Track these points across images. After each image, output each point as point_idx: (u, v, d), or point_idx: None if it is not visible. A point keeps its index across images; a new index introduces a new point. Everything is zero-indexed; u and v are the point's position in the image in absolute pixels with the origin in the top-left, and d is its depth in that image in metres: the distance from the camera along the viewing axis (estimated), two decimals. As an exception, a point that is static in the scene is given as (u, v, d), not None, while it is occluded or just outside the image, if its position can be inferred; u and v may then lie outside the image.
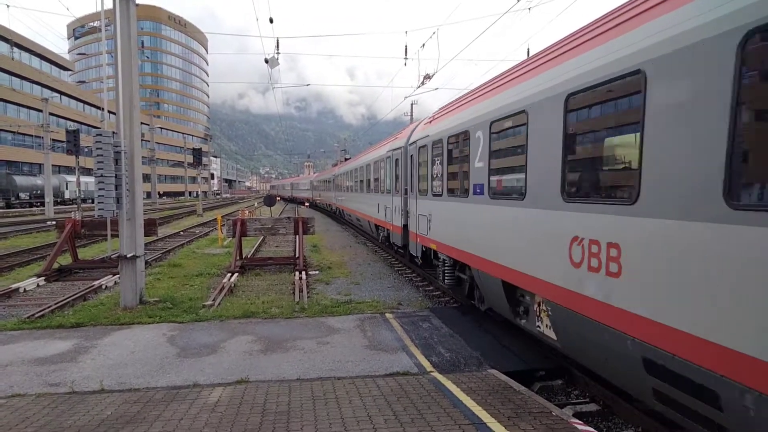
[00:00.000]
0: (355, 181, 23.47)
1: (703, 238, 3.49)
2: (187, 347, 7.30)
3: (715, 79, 3.45)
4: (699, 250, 3.52)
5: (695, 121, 3.61)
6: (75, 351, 7.16)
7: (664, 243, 3.84)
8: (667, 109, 3.88)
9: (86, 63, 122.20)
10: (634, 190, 4.16)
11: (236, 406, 5.24)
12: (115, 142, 9.29)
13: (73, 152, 27.74)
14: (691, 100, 3.65)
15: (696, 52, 3.62)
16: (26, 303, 10.65)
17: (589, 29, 5.35)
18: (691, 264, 3.58)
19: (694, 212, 3.56)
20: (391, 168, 14.74)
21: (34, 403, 5.39)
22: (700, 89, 3.59)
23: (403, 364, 6.52)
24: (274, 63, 20.16)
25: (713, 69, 3.47)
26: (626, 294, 4.24)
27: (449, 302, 10.60)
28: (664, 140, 3.88)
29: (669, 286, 3.78)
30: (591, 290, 4.71)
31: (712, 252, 3.41)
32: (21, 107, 66.80)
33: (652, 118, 4.03)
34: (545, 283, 5.59)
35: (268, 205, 21.93)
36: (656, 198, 3.94)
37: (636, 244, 4.16)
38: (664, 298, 3.82)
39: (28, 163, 68.66)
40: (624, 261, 4.28)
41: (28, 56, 72.48)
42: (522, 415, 4.92)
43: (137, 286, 9.83)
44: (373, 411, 5.05)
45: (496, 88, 7.35)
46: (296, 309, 9.57)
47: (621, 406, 5.46)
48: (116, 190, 9.28)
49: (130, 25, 9.62)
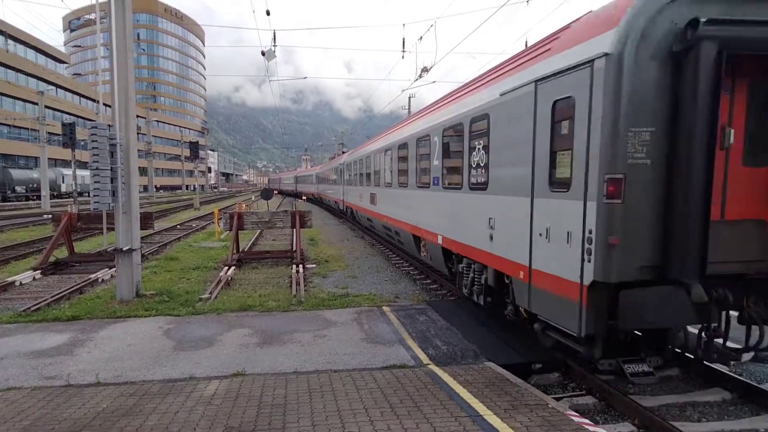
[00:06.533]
0: None
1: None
2: (184, 340, 7.29)
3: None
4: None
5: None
6: (71, 344, 7.14)
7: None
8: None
9: (82, 56, 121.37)
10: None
11: (232, 398, 5.23)
12: (111, 134, 9.22)
13: (70, 145, 27.66)
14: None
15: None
16: (22, 296, 10.62)
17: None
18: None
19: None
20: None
21: (29, 396, 5.38)
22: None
23: (400, 356, 6.53)
24: (270, 56, 20.08)
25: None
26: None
27: (446, 295, 10.61)
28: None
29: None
30: None
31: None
32: (17, 100, 66.37)
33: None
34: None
35: (265, 198, 21.88)
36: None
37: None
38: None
39: (24, 157, 68.33)
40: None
41: (24, 49, 71.92)
42: (518, 407, 4.93)
43: (133, 280, 9.80)
44: (369, 403, 5.05)
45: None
46: (293, 302, 9.57)
47: (617, 399, 5.47)
48: (112, 183, 9.21)
49: (125, 18, 9.53)
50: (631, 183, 4.87)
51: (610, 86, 4.79)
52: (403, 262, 14.78)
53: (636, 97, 4.78)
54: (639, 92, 4.78)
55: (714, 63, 4.55)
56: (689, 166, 4.72)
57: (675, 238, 4.86)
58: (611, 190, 4.86)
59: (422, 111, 12.36)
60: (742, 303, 5.28)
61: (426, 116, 11.08)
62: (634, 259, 4.94)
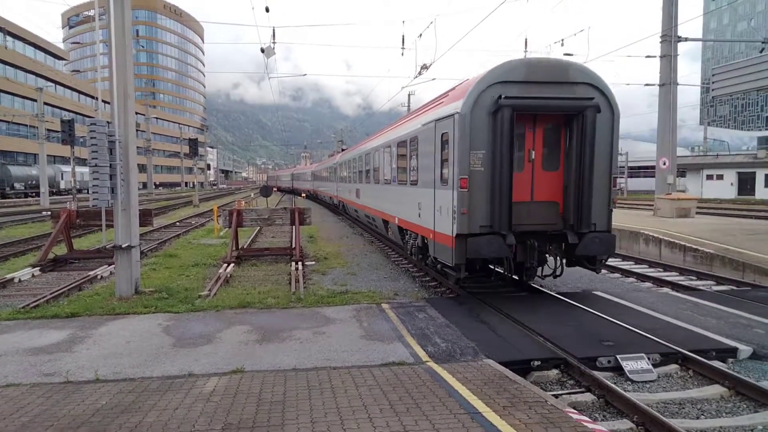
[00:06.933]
0: None
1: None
2: (183, 337, 7.28)
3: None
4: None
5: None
6: (70, 341, 7.13)
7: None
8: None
9: (81, 52, 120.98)
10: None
11: (231, 395, 5.23)
12: (110, 131, 9.20)
13: (68, 142, 27.62)
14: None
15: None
16: (21, 293, 10.63)
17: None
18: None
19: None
20: None
21: (28, 393, 5.38)
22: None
23: (399, 353, 6.52)
24: (270, 52, 20.02)
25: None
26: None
27: (446, 293, 10.61)
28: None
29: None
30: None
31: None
32: (15, 97, 66.19)
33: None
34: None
35: (264, 195, 21.85)
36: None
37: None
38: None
39: (22, 153, 68.23)
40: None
41: (23, 45, 71.76)
42: (517, 404, 4.93)
43: (132, 277, 9.80)
44: (368, 400, 5.05)
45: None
46: (292, 299, 9.57)
47: (616, 396, 5.48)
48: (111, 180, 9.20)
49: (124, 14, 9.51)
50: (472, 180, 8.67)
51: (461, 128, 8.63)
52: (402, 260, 14.79)
53: (473, 133, 8.63)
54: (475, 131, 8.62)
55: (509, 117, 8.41)
56: (501, 171, 8.49)
57: (495, 210, 8.63)
58: (462, 184, 8.65)
59: (386, 127, 16.94)
60: (545, 248, 9.18)
61: (389, 131, 15.31)
62: (475, 221, 8.73)
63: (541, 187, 9.15)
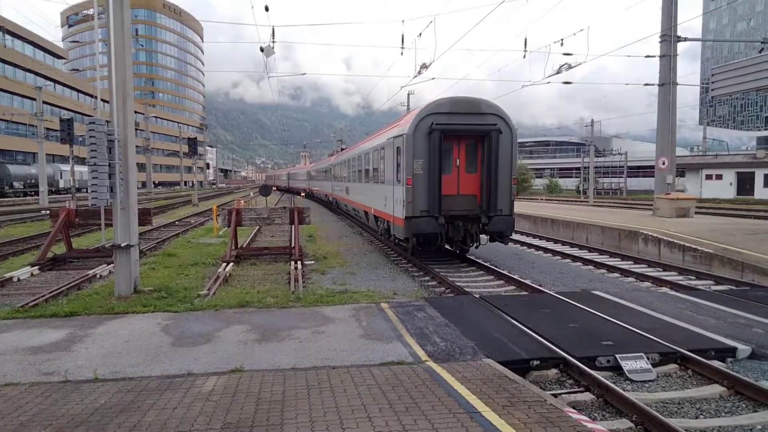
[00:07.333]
0: None
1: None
2: (182, 336, 7.27)
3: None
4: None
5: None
6: (69, 340, 7.12)
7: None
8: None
9: (80, 51, 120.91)
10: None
11: (230, 394, 5.23)
12: (109, 130, 9.18)
13: (68, 141, 27.57)
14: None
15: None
16: (20, 292, 10.61)
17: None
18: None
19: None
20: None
21: (27, 392, 5.37)
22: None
23: (398, 353, 6.52)
24: (269, 52, 20.01)
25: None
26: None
27: (445, 292, 10.62)
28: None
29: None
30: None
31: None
32: (14, 95, 66.08)
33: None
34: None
35: (263, 195, 21.85)
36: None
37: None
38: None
39: (21, 152, 68.08)
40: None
41: (21, 44, 71.62)
42: (516, 404, 4.93)
43: (131, 276, 9.79)
44: (367, 400, 5.05)
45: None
46: (291, 299, 9.56)
47: (615, 396, 5.48)
48: (110, 179, 9.18)
49: (123, 13, 9.48)
50: (415, 180, 12.28)
51: (408, 143, 12.31)
52: (401, 259, 14.80)
53: (416, 147, 12.26)
54: (417, 146, 12.25)
55: (439, 137, 12.09)
56: (433, 173, 12.19)
57: (430, 200, 12.24)
58: (408, 182, 12.27)
59: (367, 138, 21.65)
60: (469, 227, 12.72)
61: (368, 141, 19.63)
62: (417, 207, 12.29)
63: (465, 184, 12.92)
